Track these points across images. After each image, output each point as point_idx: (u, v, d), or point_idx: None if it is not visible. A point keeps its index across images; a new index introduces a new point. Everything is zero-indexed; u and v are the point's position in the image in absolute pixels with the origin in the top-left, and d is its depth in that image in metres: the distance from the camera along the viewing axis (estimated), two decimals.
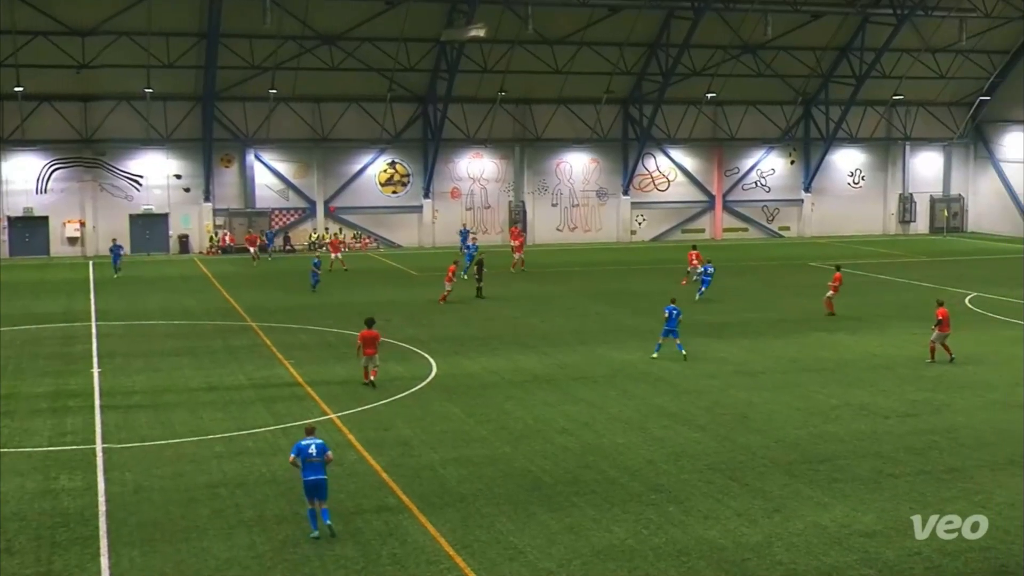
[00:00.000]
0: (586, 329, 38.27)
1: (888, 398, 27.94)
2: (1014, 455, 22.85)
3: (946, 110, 74.57)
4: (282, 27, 57.03)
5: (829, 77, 69.73)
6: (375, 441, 23.89)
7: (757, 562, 17.19)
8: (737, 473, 21.74)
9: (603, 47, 63.60)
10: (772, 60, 67.01)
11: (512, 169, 68.74)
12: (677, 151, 71.53)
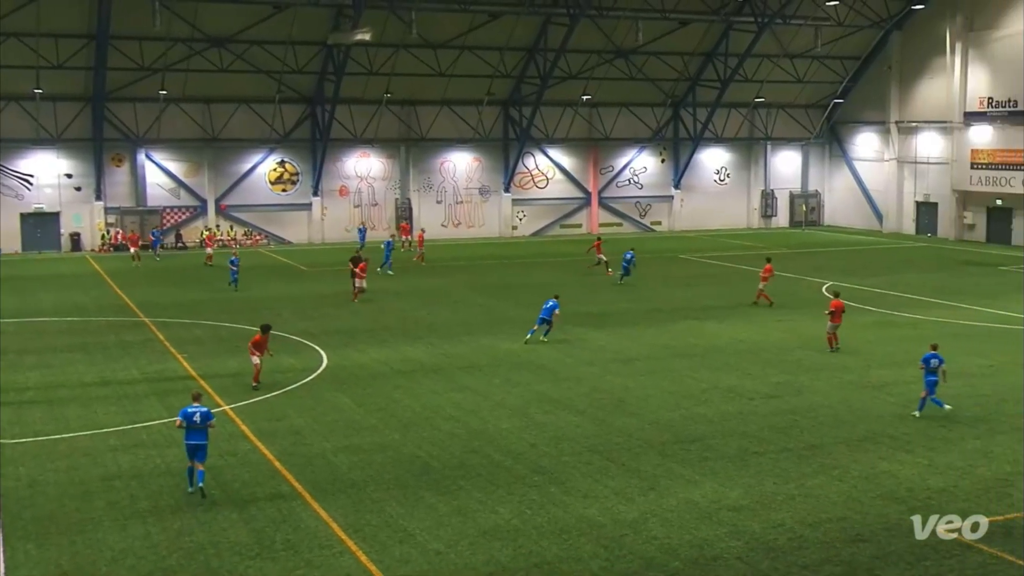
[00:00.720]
0: (471, 321, 38.31)
1: (753, 381, 28.55)
2: (868, 432, 23.58)
3: (803, 112, 76.38)
4: (171, 29, 55.78)
5: (696, 81, 70.86)
6: (268, 431, 23.60)
7: (634, 537, 17.45)
8: (614, 454, 22.02)
9: (484, 51, 63.63)
10: (643, 64, 67.81)
11: (398, 168, 68.39)
12: (555, 150, 71.95)
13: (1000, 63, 64.05)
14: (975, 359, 31.03)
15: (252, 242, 64.94)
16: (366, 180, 67.91)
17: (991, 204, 65.41)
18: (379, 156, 67.99)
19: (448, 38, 61.89)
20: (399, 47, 60.82)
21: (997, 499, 19.23)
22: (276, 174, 66.27)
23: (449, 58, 63.20)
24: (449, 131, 68.13)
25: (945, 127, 67.84)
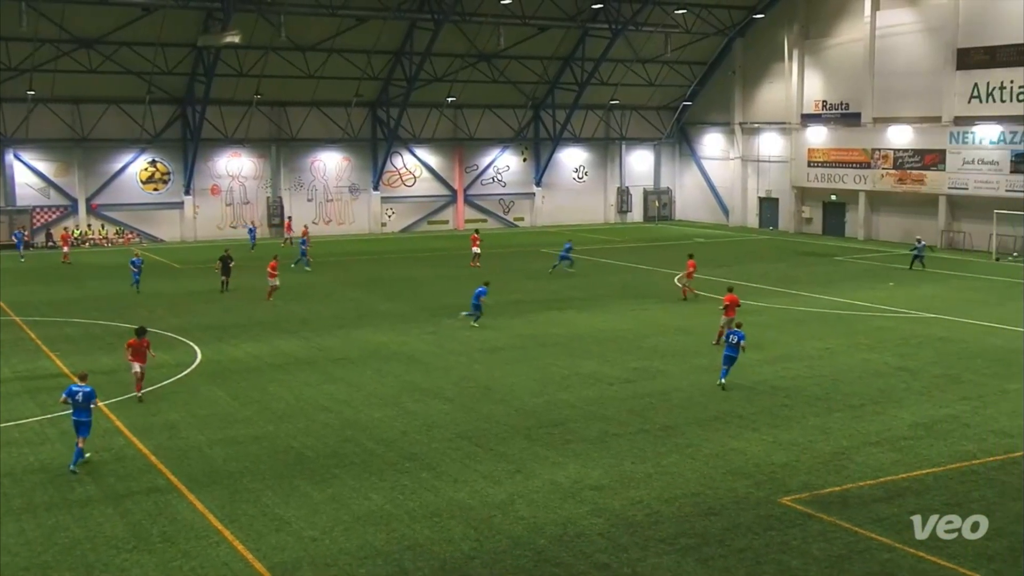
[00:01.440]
0: (343, 314, 37.92)
1: (612, 367, 28.95)
2: (718, 412, 24.14)
3: (655, 113, 77.75)
4: (38, 30, 53.76)
5: (555, 84, 71.47)
6: (142, 427, 22.93)
7: (502, 518, 17.53)
8: (482, 439, 22.07)
9: (352, 54, 63.00)
10: (505, 68, 68.13)
11: (269, 167, 67.26)
12: (422, 150, 71.69)
13: (833, 69, 66.31)
14: (813, 342, 32.07)
15: (124, 240, 63.04)
16: (238, 179, 66.59)
17: (826, 199, 67.62)
18: (250, 155, 66.73)
19: (317, 41, 61.07)
20: (268, 49, 59.78)
21: (835, 471, 19.93)
22: (147, 173, 64.44)
23: (318, 60, 62.38)
24: (319, 131, 67.27)
25: (784, 128, 69.91)
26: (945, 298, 40.99)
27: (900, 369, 28.43)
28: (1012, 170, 55.36)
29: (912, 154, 60.90)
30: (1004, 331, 33.96)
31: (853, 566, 15.56)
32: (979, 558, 15.75)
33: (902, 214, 62.59)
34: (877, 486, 19.08)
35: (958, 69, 58.01)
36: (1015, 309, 38.15)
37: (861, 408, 24.40)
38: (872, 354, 30.32)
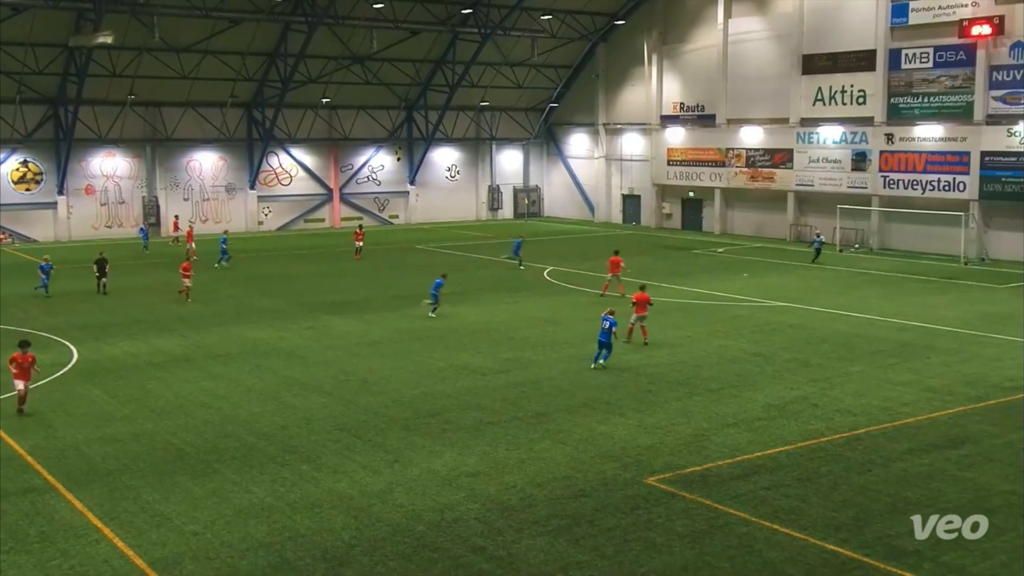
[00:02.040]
0: (222, 312, 37.11)
1: (486, 358, 29.06)
2: (586, 399, 24.46)
3: (523, 115, 78.21)
4: None
5: (427, 86, 71.26)
6: (18, 427, 22.05)
7: (381, 506, 17.45)
8: (361, 431, 21.92)
9: (227, 55, 61.67)
10: (379, 70, 67.61)
11: (145, 166, 65.25)
12: (298, 150, 70.60)
13: (690, 73, 67.76)
14: (674, 331, 32.75)
15: None
16: (112, 179, 64.43)
17: (685, 196, 69.07)
18: (125, 155, 64.65)
19: (191, 42, 59.51)
20: (142, 50, 58.03)
21: (696, 452, 20.41)
22: (19, 174, 61.78)
23: (192, 61, 60.85)
24: (194, 131, 65.61)
25: (645, 128, 71.15)
26: (794, 287, 42.34)
27: (755, 355, 29.27)
28: (853, 168, 57.49)
29: (763, 153, 62.69)
30: (848, 317, 35.29)
31: (713, 540, 15.97)
32: (827, 528, 16.34)
33: (754, 209, 64.38)
34: (734, 464, 19.61)
35: (803, 74, 59.93)
36: (857, 297, 39.69)
37: (719, 392, 25.04)
38: (729, 341, 31.14)
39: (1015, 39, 49.94)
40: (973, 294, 40.62)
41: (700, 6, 66.25)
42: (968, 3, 51.37)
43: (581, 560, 15.25)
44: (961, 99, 52.43)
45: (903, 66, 54.85)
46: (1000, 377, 26.34)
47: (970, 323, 33.88)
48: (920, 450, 20.41)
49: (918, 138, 54.47)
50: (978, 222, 51.73)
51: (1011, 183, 50.41)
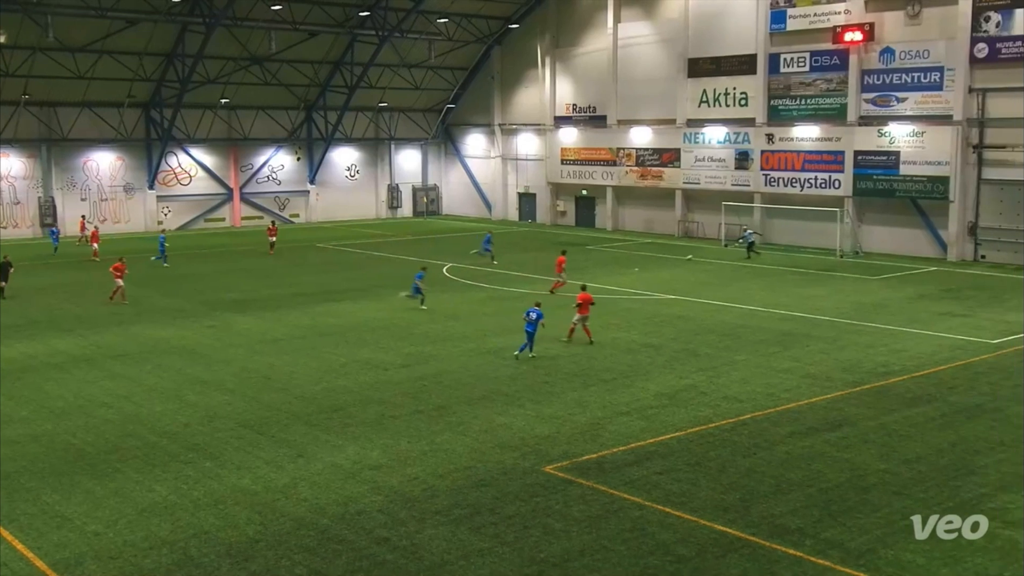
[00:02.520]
0: (121, 311, 36.11)
1: (387, 353, 28.90)
2: (486, 391, 24.52)
3: (421, 115, 77.90)
4: None
5: (326, 87, 70.44)
6: None
7: (285, 501, 17.23)
8: (264, 427, 21.61)
9: (123, 55, 59.99)
10: (278, 71, 66.58)
11: (40, 167, 63.07)
12: (197, 150, 69.05)
13: (582, 75, 68.34)
14: (568, 325, 33.01)
15: None
16: (7, 179, 62.08)
17: (578, 194, 69.66)
18: (19, 155, 62.36)
19: (86, 42, 57.70)
20: (36, 50, 56.09)
21: (592, 440, 20.63)
22: None
23: (88, 61, 59.01)
24: (91, 132, 63.61)
25: (539, 129, 71.53)
26: (682, 281, 43.07)
27: (646, 346, 29.72)
28: (736, 167, 58.72)
29: (652, 152, 63.59)
30: (732, 309, 36.07)
31: (609, 524, 16.18)
32: (716, 509, 16.69)
33: (644, 207, 65.27)
34: (628, 451, 19.89)
35: (689, 77, 60.96)
36: (741, 289, 40.59)
37: (613, 382, 25.35)
38: (621, 333, 31.54)
39: (884, 45, 51.62)
40: (848, 285, 41.91)
41: (591, 11, 66.87)
42: (841, 11, 52.90)
43: (482, 547, 15.29)
44: (835, 101, 53.99)
45: (782, 70, 56.23)
46: (873, 363, 27.24)
47: (845, 313, 34.95)
48: (801, 433, 20.99)
49: (796, 138, 55.90)
50: (852, 218, 53.36)
51: (882, 181, 52.14)
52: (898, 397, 23.81)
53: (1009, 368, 26.69)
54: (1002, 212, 48.52)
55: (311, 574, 14.52)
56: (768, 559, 14.85)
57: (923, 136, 50.32)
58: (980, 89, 48.50)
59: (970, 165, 49.19)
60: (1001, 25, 47.22)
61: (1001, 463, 19.04)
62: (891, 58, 51.45)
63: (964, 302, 37.29)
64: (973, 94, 48.68)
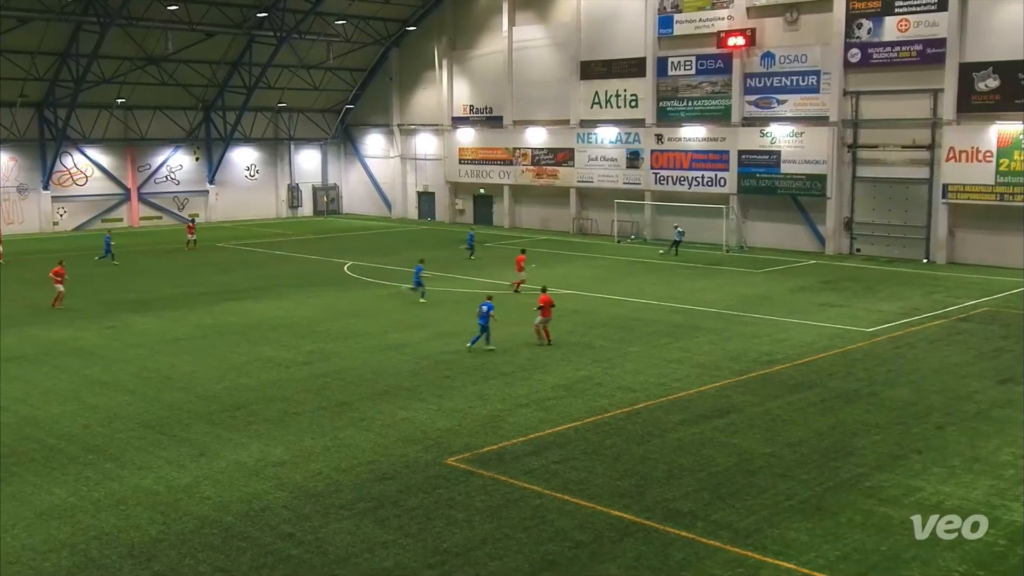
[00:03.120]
0: (14, 313, 34.74)
1: (289, 351, 28.49)
2: (388, 386, 24.36)
3: (321, 116, 76.93)
4: None
5: (224, 87, 68.99)
6: None
7: (188, 500, 16.86)
8: (165, 427, 21.09)
9: (15, 55, 57.71)
10: (175, 71, 64.97)
11: None
12: (93, 150, 66.88)
13: (478, 77, 68.37)
14: (471, 319, 32.86)
15: None
16: None
17: (476, 193, 69.68)
18: None
19: None
20: None
21: (492, 432, 20.68)
22: None
23: None
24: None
25: (438, 129, 71.32)
26: (578, 276, 43.46)
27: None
28: (628, 165, 59.50)
29: (547, 152, 63.99)
30: (626, 302, 36.56)
31: (510, 513, 16.24)
32: (612, 495, 16.89)
33: (540, 204, 65.65)
34: (527, 442, 19.99)
35: (582, 79, 61.53)
36: (634, 283, 41.16)
37: (512, 375, 25.44)
38: (519, 328, 31.54)
39: (765, 49, 52.93)
40: (734, 279, 42.86)
41: (486, 14, 66.95)
42: (724, 17, 54.02)
43: (386, 540, 15.20)
44: (720, 103, 55.14)
45: (670, 73, 57.16)
46: (758, 352, 27.93)
47: (732, 305, 35.73)
48: (692, 420, 21.40)
49: (684, 138, 56.91)
50: (737, 214, 54.59)
51: (764, 179, 53.46)
52: (781, 384, 24.47)
53: (883, 355, 27.68)
54: (875, 208, 50.25)
55: (215, 572, 14.24)
56: (662, 542, 15.10)
57: (802, 136, 51.77)
58: (854, 92, 50.12)
59: (845, 164, 50.80)
60: (872, 32, 48.88)
61: (877, 444, 19.74)
62: (771, 62, 52.78)
63: (841, 293, 38.52)
64: (847, 96, 50.28)
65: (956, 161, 46.68)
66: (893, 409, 22.16)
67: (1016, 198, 45.03)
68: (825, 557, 14.51)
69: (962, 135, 46.52)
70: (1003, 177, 45.32)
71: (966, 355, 27.53)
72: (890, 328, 31.38)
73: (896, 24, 48.03)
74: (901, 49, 48.08)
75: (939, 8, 46.54)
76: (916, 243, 48.73)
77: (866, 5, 48.97)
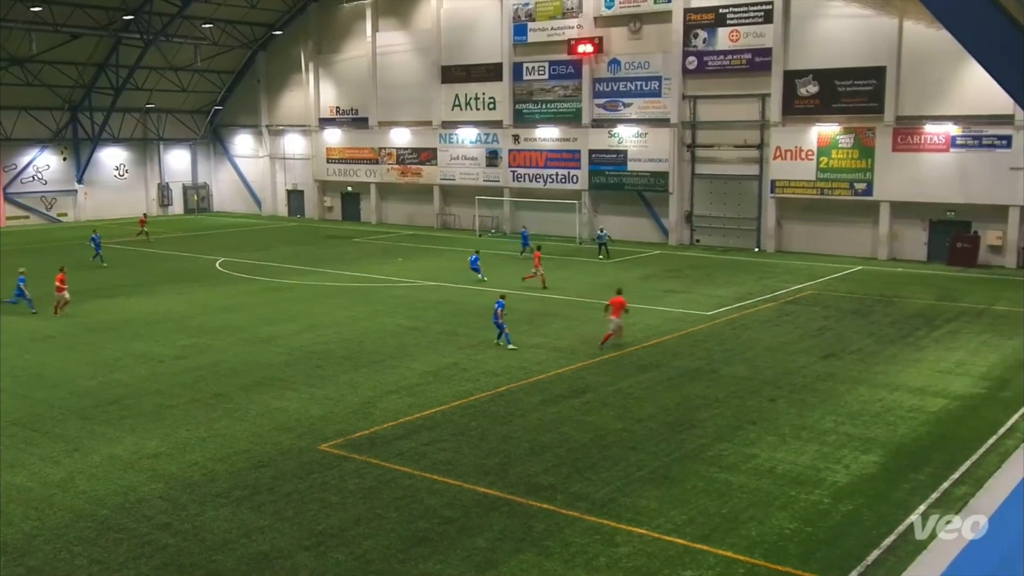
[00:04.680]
0: None
1: (163, 346, 27.54)
2: (262, 377, 23.84)
3: (189, 116, 74.42)
4: None
5: (91, 88, 65.91)
6: None
7: (63, 495, 16.13)
8: (37, 424, 20.10)
9: None
10: (40, 72, 61.74)
11: None
12: None
13: (344, 80, 67.40)
14: (340, 312, 32.62)
15: None
16: None
17: (344, 190, 68.75)
18: None
19: None
20: None
21: (363, 418, 20.50)
22: None
23: None
24: None
25: (305, 130, 70.01)
26: (442, 269, 43.41)
27: (411, 329, 29.78)
28: (487, 164, 59.72)
29: (411, 152, 63.63)
30: (488, 292, 36.66)
31: (382, 494, 16.14)
32: (478, 473, 16.98)
33: (406, 201, 65.26)
34: (397, 426, 19.90)
35: (443, 83, 61.37)
36: (495, 275, 41.36)
37: (382, 363, 25.26)
38: (388, 318, 31.47)
39: (612, 56, 53.93)
40: (587, 268, 43.59)
41: (350, 20, 65.99)
42: (574, 25, 54.78)
43: (263, 525, 14.89)
44: (572, 106, 55.91)
45: (525, 77, 57.62)
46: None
47: (585, 292, 36.32)
48: (550, 401, 21.69)
49: (539, 138, 57.48)
50: (588, 209, 55.52)
51: (612, 176, 54.53)
52: (631, 364, 25.05)
53: (721, 335, 28.67)
54: (712, 202, 51.91)
55: (92, 564, 13.66)
56: (525, 514, 15.28)
57: (646, 137, 53.01)
58: (692, 96, 51.59)
59: (685, 162, 52.26)
60: (707, 41, 50.40)
61: (716, 417, 20.45)
62: (618, 68, 53.82)
63: (683, 280, 39.67)
64: (686, 100, 51.71)
65: (782, 159, 48.69)
66: (731, 384, 22.98)
67: (834, 192, 47.30)
68: (673, 522, 14.96)
69: (786, 136, 48.52)
70: (823, 173, 47.53)
71: (793, 334, 28.78)
72: (727, 311, 32.50)
73: (728, 34, 49.68)
74: (732, 57, 49.76)
75: (765, 20, 48.37)
76: (748, 234, 50.59)
77: (701, 17, 50.46)
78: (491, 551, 14.02)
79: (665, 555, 13.85)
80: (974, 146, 43.58)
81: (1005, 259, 43.23)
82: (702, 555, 13.84)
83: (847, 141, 46.76)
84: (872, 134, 46.03)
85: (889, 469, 17.25)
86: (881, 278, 39.94)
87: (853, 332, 28.84)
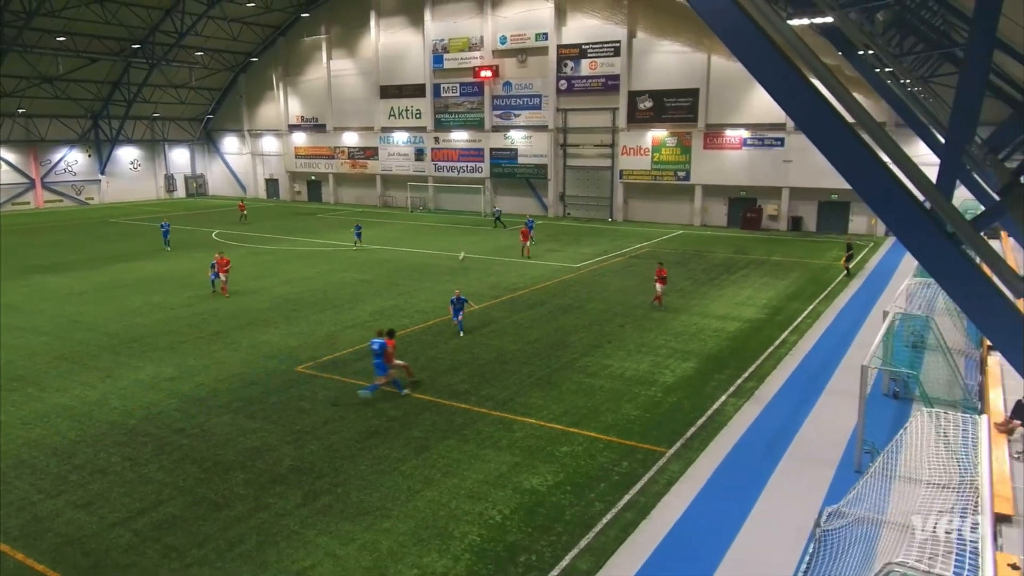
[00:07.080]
0: None
1: (175, 297, 26.43)
2: (251, 319, 23.07)
3: (188, 123, 70.76)
4: None
5: (108, 101, 61.96)
6: None
7: (99, 411, 15.51)
8: (77, 358, 19.19)
9: None
10: (66, 88, 57.72)
11: None
12: (1, 149, 58.65)
13: (307, 95, 65.04)
14: (309, 269, 31.90)
15: None
16: None
17: (309, 179, 66.63)
18: None
19: None
20: None
21: (328, 347, 20.17)
22: None
23: None
24: None
25: (278, 133, 67.45)
26: (387, 236, 42.68)
27: (363, 281, 29.31)
28: (415, 159, 58.74)
29: (359, 150, 62.04)
30: (420, 253, 36.35)
31: (344, 401, 16.00)
32: (415, 384, 16.94)
33: (355, 187, 63.73)
34: (354, 352, 19.67)
35: (381, 98, 59.80)
36: (424, 240, 40.94)
37: (341, 307, 24.85)
38: (346, 274, 30.88)
39: (505, 79, 53.39)
40: (488, 235, 43.45)
41: (311, 50, 63.52)
42: (478, 56, 53.91)
43: (255, 427, 14.64)
44: (477, 116, 55.24)
45: (442, 95, 56.58)
46: (508, 283, 28.61)
47: (490, 252, 36.27)
48: (466, 330, 21.68)
49: (453, 140, 56.71)
50: (490, 192, 55.26)
51: (507, 168, 54.30)
52: (523, 303, 25.23)
53: (586, 281, 29.08)
54: (578, 186, 52.27)
55: (124, 460, 13.24)
56: (449, 412, 15.37)
57: (531, 139, 52.85)
58: (564, 109, 51.55)
59: (559, 157, 52.37)
60: (574, 69, 50.32)
61: (583, 339, 20.83)
62: (510, 88, 53.34)
63: (559, 242, 39.97)
64: (559, 112, 51.65)
65: (627, 155, 49.25)
66: (593, 316, 23.40)
67: (664, 178, 48.18)
68: (553, 413, 15.27)
69: (630, 138, 49.04)
70: (656, 166, 48.31)
71: (635, 280, 29.40)
72: (590, 264, 32.94)
73: (589, 64, 49.67)
74: (592, 81, 49.84)
75: (615, 54, 48.53)
76: (604, 208, 51.20)
77: (569, 51, 50.29)
78: (425, 439, 14.10)
79: (548, 436, 14.16)
80: (759, 145, 44.95)
81: (780, 224, 44.97)
82: (574, 436, 14.20)
83: (672, 142, 47.61)
84: (690, 136, 46.95)
85: (701, 372, 17.93)
86: (696, 239, 41.05)
87: (676, 277, 29.63)
